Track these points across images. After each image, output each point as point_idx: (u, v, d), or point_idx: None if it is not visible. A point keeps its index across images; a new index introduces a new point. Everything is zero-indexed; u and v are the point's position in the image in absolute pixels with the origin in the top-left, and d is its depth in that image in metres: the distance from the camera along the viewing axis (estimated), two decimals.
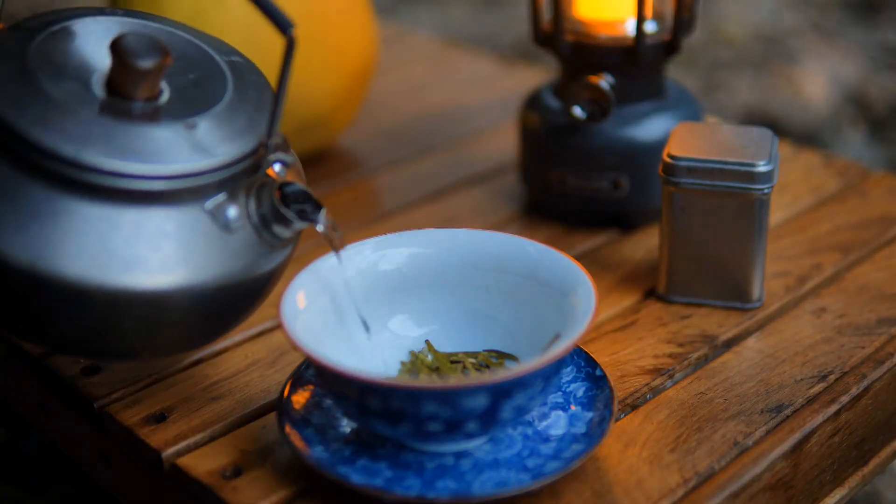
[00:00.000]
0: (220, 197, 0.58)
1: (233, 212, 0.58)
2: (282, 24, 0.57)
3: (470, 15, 2.30)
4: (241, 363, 0.70)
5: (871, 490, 1.05)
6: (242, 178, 0.58)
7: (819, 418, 0.63)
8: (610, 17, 0.83)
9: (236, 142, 0.58)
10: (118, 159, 0.55)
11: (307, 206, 0.60)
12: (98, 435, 0.68)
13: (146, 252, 0.55)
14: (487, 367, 0.63)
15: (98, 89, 0.58)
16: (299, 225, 0.59)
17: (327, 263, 0.63)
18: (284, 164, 0.60)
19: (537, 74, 1.19)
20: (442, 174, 0.97)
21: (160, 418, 0.64)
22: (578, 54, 0.83)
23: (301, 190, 0.60)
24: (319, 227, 0.60)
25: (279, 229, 0.59)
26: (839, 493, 0.67)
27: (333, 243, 0.61)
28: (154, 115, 0.57)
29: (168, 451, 0.62)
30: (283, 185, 0.59)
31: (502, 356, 0.64)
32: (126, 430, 0.64)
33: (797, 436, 0.62)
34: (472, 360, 0.63)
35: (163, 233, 0.56)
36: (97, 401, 0.66)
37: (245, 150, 0.58)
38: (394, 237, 0.65)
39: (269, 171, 0.59)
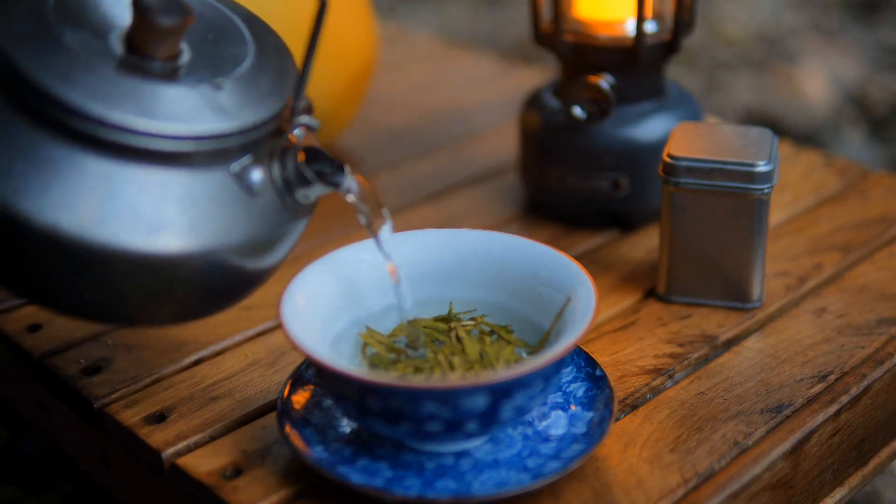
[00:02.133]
0: (246, 160, 0.57)
1: (257, 175, 0.57)
2: None
3: (470, 15, 2.30)
4: (241, 363, 0.70)
5: (870, 490, 1.05)
6: (267, 141, 0.58)
7: (819, 418, 0.63)
8: (610, 17, 0.83)
9: (261, 104, 0.57)
10: (147, 118, 0.54)
11: (330, 169, 0.59)
12: (98, 435, 0.68)
13: (172, 214, 0.54)
14: (478, 332, 0.63)
15: (117, 46, 0.56)
16: (322, 188, 0.59)
17: (327, 262, 0.63)
18: (309, 127, 0.59)
19: (537, 74, 1.19)
20: (442, 174, 0.97)
21: (160, 418, 0.64)
22: (578, 54, 0.83)
23: (324, 153, 0.59)
24: (343, 190, 0.59)
25: (302, 193, 0.58)
26: (839, 493, 0.67)
27: (359, 205, 0.60)
28: (175, 75, 0.56)
29: (168, 451, 0.62)
30: (306, 149, 0.58)
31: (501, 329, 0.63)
32: (126, 430, 0.64)
33: (797, 436, 0.62)
34: (467, 322, 0.63)
35: (189, 195, 0.55)
36: (97, 401, 0.66)
37: (270, 112, 0.58)
38: (394, 237, 0.65)
39: (291, 136, 0.59)
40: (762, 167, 0.70)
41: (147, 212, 0.54)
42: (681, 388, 0.66)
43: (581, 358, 0.64)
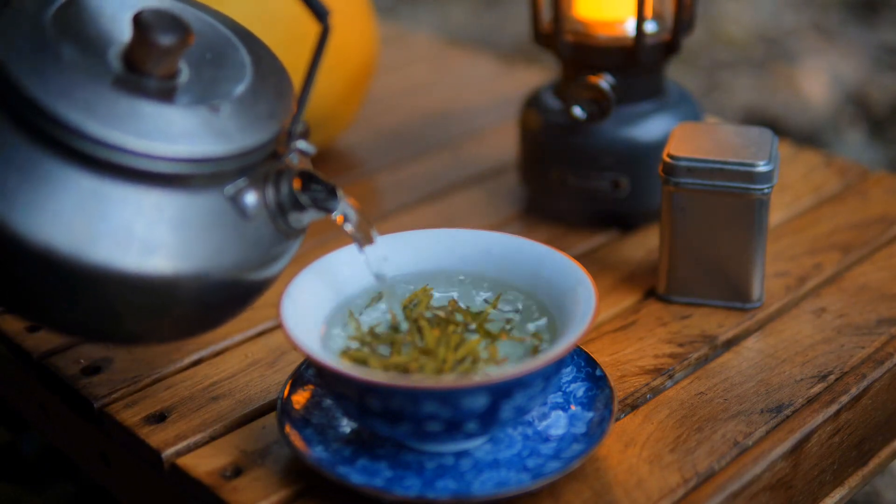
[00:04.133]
0: (240, 183, 0.57)
1: (251, 198, 0.57)
2: (319, 11, 0.57)
3: (470, 15, 2.30)
4: (241, 363, 0.70)
5: (870, 490, 1.05)
6: (262, 164, 0.58)
7: (819, 418, 0.63)
8: (610, 17, 0.83)
9: (258, 127, 0.57)
10: (143, 139, 0.53)
11: (323, 194, 0.59)
12: (98, 435, 0.68)
13: (165, 236, 0.54)
14: (474, 326, 0.62)
15: (115, 63, 0.56)
16: (315, 214, 0.59)
17: (327, 263, 0.63)
18: (304, 152, 0.59)
19: (537, 74, 1.19)
20: (442, 174, 0.97)
21: (160, 418, 0.64)
22: (578, 54, 0.83)
23: (318, 177, 0.59)
24: (335, 216, 0.59)
25: (295, 218, 0.58)
26: (839, 493, 0.67)
27: (351, 232, 0.60)
28: (172, 95, 0.56)
29: (168, 451, 0.62)
30: (300, 173, 0.58)
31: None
32: (126, 430, 0.64)
33: (797, 436, 0.62)
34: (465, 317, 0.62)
35: (183, 217, 0.55)
36: (97, 401, 0.66)
37: (267, 136, 0.57)
38: (394, 237, 0.65)
39: (287, 160, 0.59)
40: (762, 167, 0.70)
41: (140, 233, 0.54)
42: (681, 388, 0.66)
43: (581, 358, 0.64)
